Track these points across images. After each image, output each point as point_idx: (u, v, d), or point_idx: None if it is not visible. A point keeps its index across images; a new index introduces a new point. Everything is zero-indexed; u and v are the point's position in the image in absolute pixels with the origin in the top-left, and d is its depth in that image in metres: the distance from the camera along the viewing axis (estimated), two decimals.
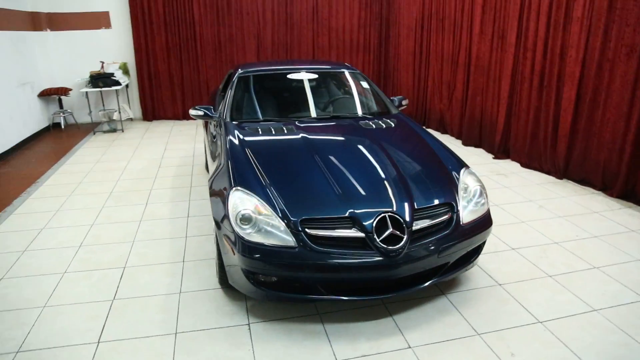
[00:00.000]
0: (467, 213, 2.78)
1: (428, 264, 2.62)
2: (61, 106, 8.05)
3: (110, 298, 2.98)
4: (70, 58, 8.03)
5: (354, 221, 2.53)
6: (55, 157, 6.24)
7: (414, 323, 2.69)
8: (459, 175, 2.97)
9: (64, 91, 7.75)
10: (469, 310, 2.80)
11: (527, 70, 5.38)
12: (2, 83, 6.44)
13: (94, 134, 7.58)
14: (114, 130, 7.76)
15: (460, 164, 3.11)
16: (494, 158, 5.95)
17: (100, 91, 7.83)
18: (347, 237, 2.51)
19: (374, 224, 2.50)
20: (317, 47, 8.73)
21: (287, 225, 2.52)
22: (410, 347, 2.49)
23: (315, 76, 4.41)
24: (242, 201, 2.64)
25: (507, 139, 5.91)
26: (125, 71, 8.29)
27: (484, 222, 2.83)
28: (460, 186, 2.88)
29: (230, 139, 3.38)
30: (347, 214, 2.54)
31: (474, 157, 6.02)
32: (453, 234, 2.66)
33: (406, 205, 2.64)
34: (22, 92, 6.99)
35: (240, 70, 4.38)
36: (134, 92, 8.58)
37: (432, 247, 2.58)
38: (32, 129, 7.26)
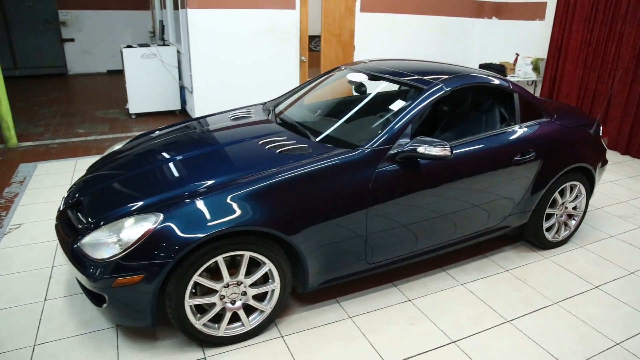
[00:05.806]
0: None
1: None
2: None
3: None
4: (497, 44, 8.26)
5: None
6: None
7: None
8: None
9: None
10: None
11: None
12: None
13: None
14: None
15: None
16: None
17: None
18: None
19: (71, 200, 2.85)
20: None
21: None
22: None
23: (365, 87, 3.87)
24: (118, 145, 3.74)
25: None
26: (535, 68, 7.57)
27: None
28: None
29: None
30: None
31: None
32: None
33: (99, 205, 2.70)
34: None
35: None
36: (538, 92, 7.73)
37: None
38: None
